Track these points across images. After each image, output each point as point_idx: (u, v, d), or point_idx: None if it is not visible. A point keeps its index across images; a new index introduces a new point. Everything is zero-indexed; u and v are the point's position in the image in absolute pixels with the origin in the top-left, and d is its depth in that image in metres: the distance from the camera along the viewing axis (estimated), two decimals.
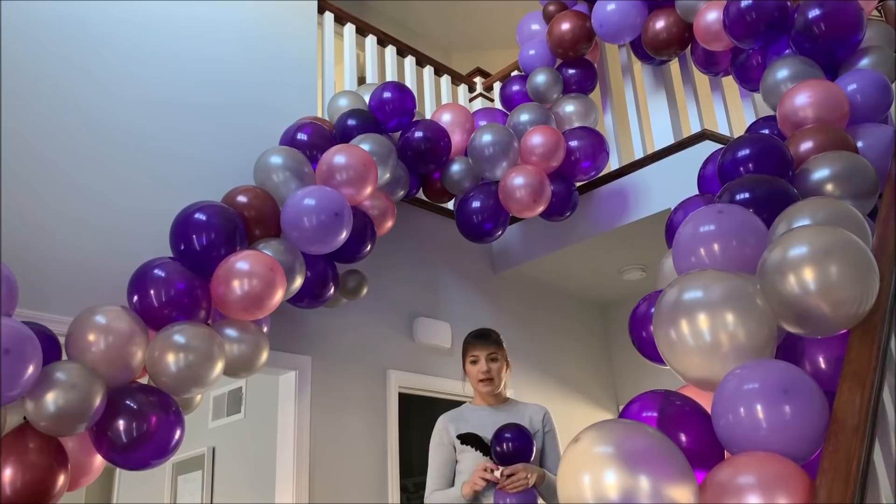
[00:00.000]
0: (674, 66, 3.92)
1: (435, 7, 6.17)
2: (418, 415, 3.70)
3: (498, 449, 2.50)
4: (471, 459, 2.62)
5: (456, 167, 3.46)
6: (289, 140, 3.12)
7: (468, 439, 2.65)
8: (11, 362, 1.87)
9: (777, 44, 2.95)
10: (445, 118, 3.48)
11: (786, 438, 1.36)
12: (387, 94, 3.32)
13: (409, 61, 4.26)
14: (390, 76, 4.06)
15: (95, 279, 2.69)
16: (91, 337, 2.16)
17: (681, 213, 2.52)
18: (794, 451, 1.36)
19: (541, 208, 3.38)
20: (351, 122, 3.20)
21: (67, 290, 2.62)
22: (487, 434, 2.62)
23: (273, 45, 3.65)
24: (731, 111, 3.81)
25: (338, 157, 2.90)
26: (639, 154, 3.79)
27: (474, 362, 2.74)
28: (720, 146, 2.75)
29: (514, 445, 2.50)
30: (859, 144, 2.45)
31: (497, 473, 2.48)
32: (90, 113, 2.90)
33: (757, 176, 2.24)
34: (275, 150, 2.95)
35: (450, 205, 4.02)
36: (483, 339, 2.74)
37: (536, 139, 3.36)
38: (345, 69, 3.91)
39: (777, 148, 2.36)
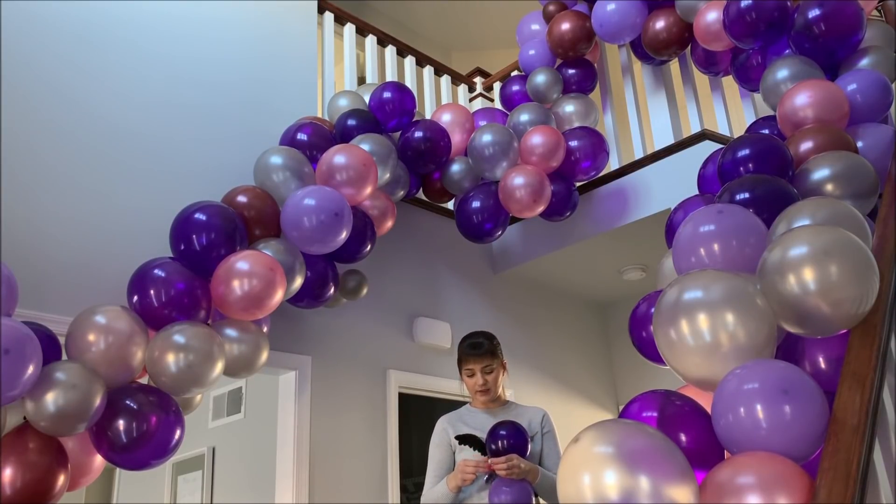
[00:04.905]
0: (674, 66, 3.92)
1: (435, 7, 6.17)
2: (418, 415, 3.70)
3: (493, 446, 2.51)
4: (468, 458, 2.63)
5: (456, 167, 3.46)
6: (289, 140, 3.12)
7: (466, 439, 2.66)
8: (11, 362, 1.87)
9: (777, 44, 2.95)
10: (445, 118, 3.48)
11: (786, 438, 1.36)
12: (387, 94, 3.32)
13: (409, 61, 4.26)
14: (390, 76, 4.06)
15: (95, 279, 2.69)
16: (91, 337, 2.15)
17: (681, 213, 2.52)
18: (794, 451, 1.36)
19: (541, 208, 3.38)
20: (351, 122, 3.20)
21: (67, 290, 2.62)
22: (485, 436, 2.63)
23: (273, 45, 3.65)
24: (731, 111, 3.81)
25: (338, 157, 2.90)
26: (639, 154, 3.79)
27: (470, 375, 2.74)
28: (720, 146, 2.75)
29: (509, 442, 2.51)
30: (859, 144, 2.45)
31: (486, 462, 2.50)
32: (90, 113, 2.90)
33: (757, 176, 2.24)
34: (275, 150, 2.95)
35: (450, 205, 4.02)
36: (476, 352, 2.72)
37: (536, 139, 3.36)
38: (345, 69, 3.91)
39: (777, 148, 2.36)
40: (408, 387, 3.67)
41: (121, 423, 2.12)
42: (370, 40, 4.06)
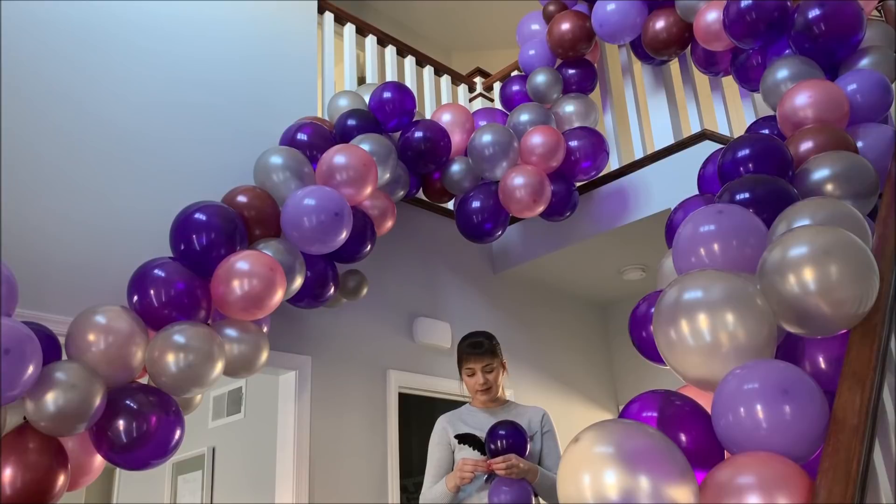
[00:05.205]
0: (674, 66, 3.92)
1: (435, 7, 6.17)
2: (418, 415, 3.70)
3: (492, 445, 2.52)
4: (467, 457, 2.64)
5: (456, 167, 3.46)
6: (289, 140, 3.12)
7: (465, 439, 2.66)
8: (11, 362, 1.87)
9: (777, 44, 2.95)
10: (445, 118, 3.48)
11: (786, 438, 1.36)
12: (387, 94, 3.31)
13: (409, 61, 4.26)
14: (390, 76, 4.06)
15: (95, 279, 2.69)
16: (91, 337, 2.15)
17: (681, 213, 2.52)
18: (794, 451, 1.36)
19: (541, 208, 3.38)
20: (351, 122, 3.20)
21: (67, 290, 2.62)
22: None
23: (273, 45, 3.65)
24: (731, 111, 3.81)
25: (338, 157, 2.90)
26: (639, 154, 3.79)
27: (471, 375, 2.75)
28: (720, 146, 2.75)
29: (508, 441, 2.51)
30: (859, 144, 2.45)
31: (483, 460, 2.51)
32: (90, 113, 2.90)
33: (757, 176, 2.24)
34: (275, 150, 2.95)
35: (450, 205, 4.02)
36: (477, 351, 2.73)
37: (536, 139, 3.36)
38: (345, 69, 3.91)
39: (777, 148, 2.36)
40: (408, 387, 3.67)
41: (121, 423, 2.12)
42: (370, 40, 4.06)
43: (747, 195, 2.14)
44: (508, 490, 2.47)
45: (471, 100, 4.70)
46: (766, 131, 2.74)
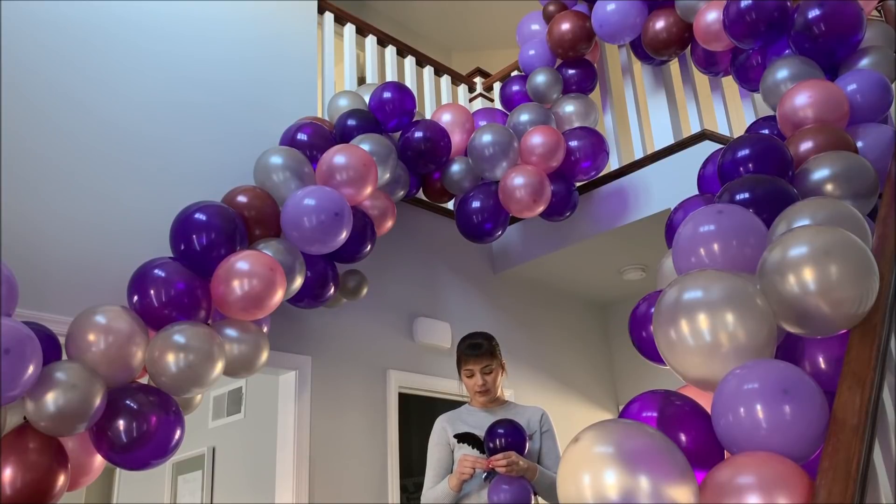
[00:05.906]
0: (674, 66, 3.92)
1: (435, 7, 6.17)
2: (418, 415, 3.70)
3: (491, 444, 2.52)
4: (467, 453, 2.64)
5: (456, 167, 3.46)
6: (289, 140, 3.12)
7: (465, 438, 2.66)
8: (11, 362, 1.87)
9: (777, 44, 2.95)
10: (445, 118, 3.48)
11: (786, 438, 1.36)
12: (387, 94, 3.32)
13: (409, 61, 4.26)
14: (390, 76, 4.06)
15: (95, 279, 2.69)
16: (91, 337, 2.15)
17: (681, 213, 2.52)
18: (794, 451, 1.36)
19: (541, 208, 3.38)
20: (351, 122, 3.20)
21: (67, 290, 2.62)
22: None
23: (273, 45, 3.65)
24: (731, 111, 3.81)
25: (338, 157, 2.90)
26: (639, 154, 3.79)
27: (469, 376, 2.76)
28: (720, 146, 2.75)
29: (507, 440, 2.51)
30: (859, 144, 2.45)
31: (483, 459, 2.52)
32: (90, 113, 2.90)
33: (757, 176, 2.24)
34: (275, 150, 2.95)
35: (450, 205, 4.02)
36: (475, 352, 2.73)
37: (536, 139, 3.36)
38: (345, 69, 3.91)
39: (777, 148, 2.36)
40: (408, 387, 3.67)
41: (121, 423, 2.12)
42: (370, 40, 4.06)
43: (747, 195, 2.14)
44: (508, 488, 2.47)
45: (471, 100, 4.70)
46: (766, 131, 2.74)
